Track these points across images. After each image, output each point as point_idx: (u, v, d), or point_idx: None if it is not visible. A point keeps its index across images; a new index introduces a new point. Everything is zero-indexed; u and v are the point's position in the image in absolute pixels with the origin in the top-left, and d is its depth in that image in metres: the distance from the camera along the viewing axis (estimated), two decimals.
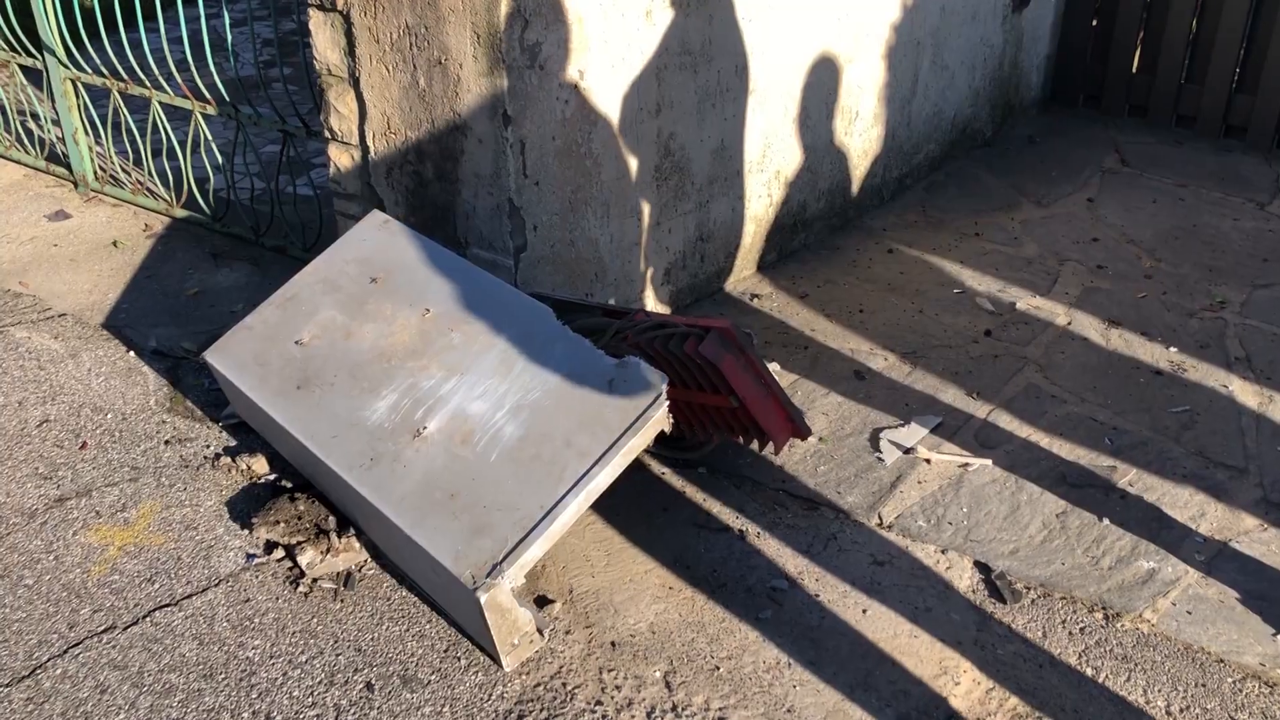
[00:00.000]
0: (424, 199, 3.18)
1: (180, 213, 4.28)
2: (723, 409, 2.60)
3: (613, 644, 2.39)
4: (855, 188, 4.18)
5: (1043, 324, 3.53)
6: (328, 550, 2.58)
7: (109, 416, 3.14)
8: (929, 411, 3.11)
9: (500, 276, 2.85)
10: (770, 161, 3.72)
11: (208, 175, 4.35)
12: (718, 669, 2.33)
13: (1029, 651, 2.37)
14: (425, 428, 2.49)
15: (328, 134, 3.33)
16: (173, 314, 3.69)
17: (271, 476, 2.89)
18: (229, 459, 2.94)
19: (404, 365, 2.64)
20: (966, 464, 2.90)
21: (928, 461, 2.91)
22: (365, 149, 3.25)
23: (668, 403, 2.37)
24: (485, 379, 2.54)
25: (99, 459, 2.96)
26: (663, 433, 2.44)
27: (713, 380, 2.54)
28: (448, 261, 2.84)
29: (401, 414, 2.53)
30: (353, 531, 2.64)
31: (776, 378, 2.76)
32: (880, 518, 2.73)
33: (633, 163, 3.24)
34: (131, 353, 3.45)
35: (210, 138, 4.06)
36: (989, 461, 2.91)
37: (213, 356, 2.87)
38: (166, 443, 3.03)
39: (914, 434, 3.01)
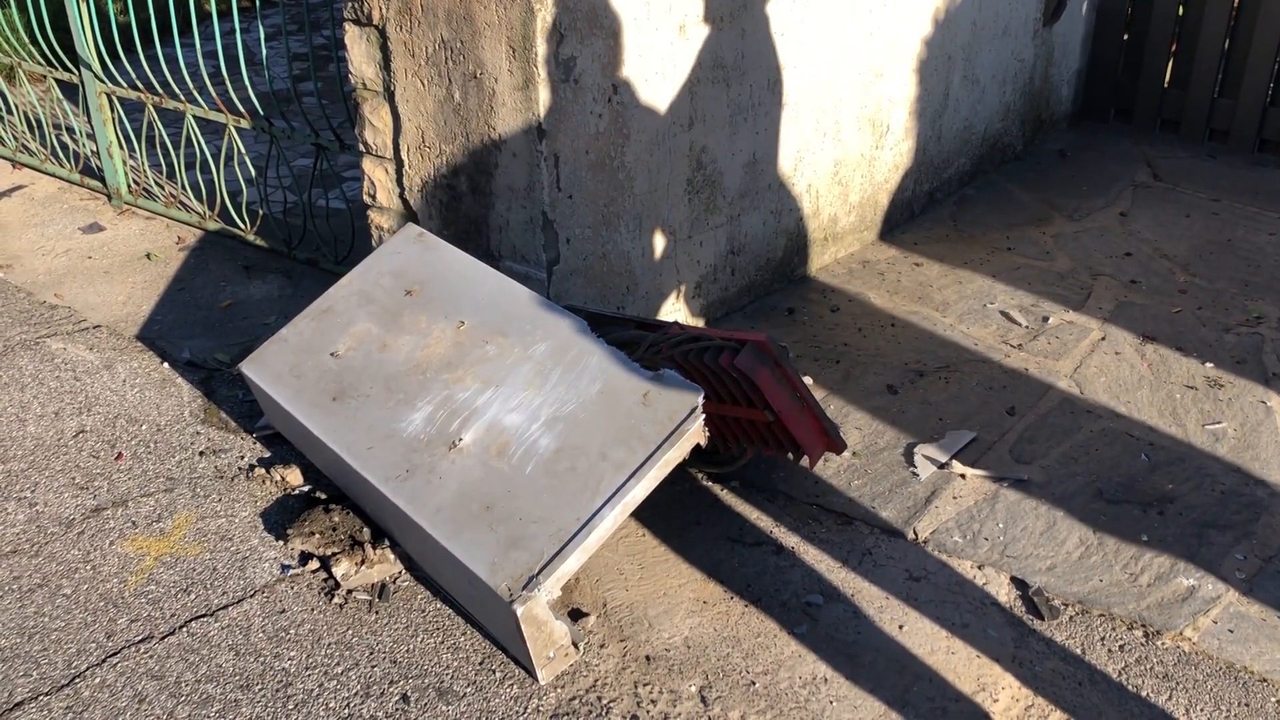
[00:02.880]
0: (458, 212, 3.20)
1: (213, 225, 4.31)
2: (757, 422, 2.60)
3: (648, 658, 2.38)
4: (886, 201, 4.17)
5: (1076, 339, 3.50)
6: (362, 562, 2.58)
7: (144, 428, 3.15)
8: (963, 426, 3.09)
9: (533, 289, 2.85)
10: (801, 175, 3.72)
11: (240, 188, 4.38)
12: (754, 684, 2.31)
13: (1068, 668, 2.34)
14: (461, 439, 2.49)
15: (362, 147, 3.35)
16: (206, 326, 3.72)
17: (306, 488, 2.90)
18: (263, 470, 2.95)
19: (439, 377, 2.64)
20: (1002, 479, 2.88)
21: (963, 477, 2.90)
22: (400, 163, 3.26)
23: (704, 416, 2.36)
24: (520, 391, 2.54)
25: (135, 469, 2.97)
26: (696, 446, 2.43)
27: (748, 393, 2.53)
28: (482, 274, 2.85)
29: (437, 426, 2.54)
30: (387, 543, 2.64)
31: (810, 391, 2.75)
32: (916, 533, 2.72)
33: (665, 176, 3.25)
34: (166, 364, 3.47)
35: (244, 151, 4.09)
36: (1025, 477, 2.89)
37: (248, 368, 2.88)
38: (201, 454, 3.04)
39: (949, 449, 2.99)
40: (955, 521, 2.75)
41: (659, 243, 3.32)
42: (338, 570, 2.56)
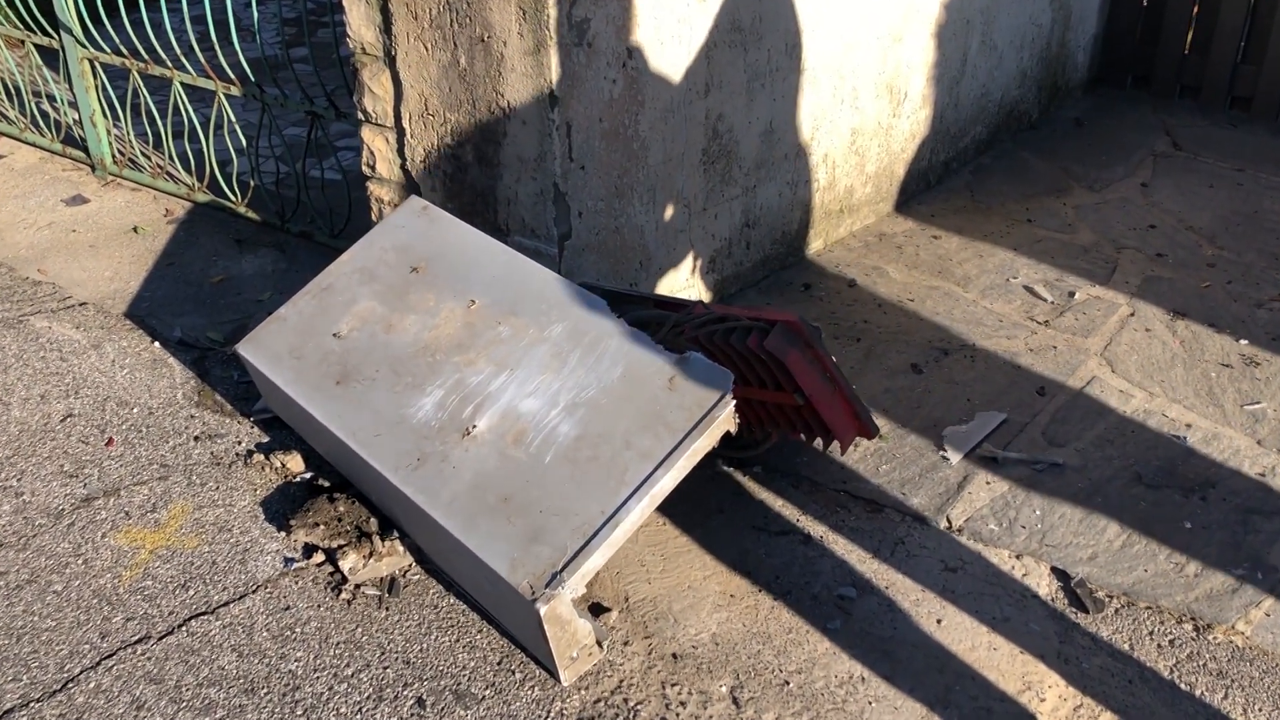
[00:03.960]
0: (463, 184, 3.04)
1: (202, 197, 4.14)
2: (786, 406, 2.47)
3: (674, 656, 2.26)
4: (902, 171, 4.03)
5: (1103, 314, 3.38)
6: (370, 554, 2.45)
7: (135, 411, 3.00)
8: (992, 407, 2.97)
9: (544, 265, 2.71)
10: (818, 144, 3.58)
11: (230, 159, 4.21)
12: (787, 684, 2.20)
13: (1117, 665, 2.23)
14: (475, 426, 2.35)
15: (361, 116, 3.19)
16: (197, 302, 3.56)
17: (308, 475, 2.76)
18: (262, 456, 2.81)
19: (450, 360, 2.50)
20: (1036, 464, 2.76)
21: (995, 461, 2.78)
22: (401, 132, 3.10)
23: (734, 402, 2.23)
24: (537, 375, 2.40)
25: (126, 456, 2.83)
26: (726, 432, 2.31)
27: (777, 377, 2.40)
28: (492, 250, 2.70)
29: (449, 411, 2.40)
30: (396, 534, 2.50)
31: None
32: (949, 520, 2.60)
33: (680, 145, 3.10)
34: (156, 343, 3.32)
35: (234, 120, 3.91)
36: (1060, 461, 2.77)
37: (245, 349, 2.73)
38: (196, 439, 2.90)
39: (979, 432, 2.87)
40: (990, 508, 2.63)
41: (673, 215, 3.17)
42: (345, 564, 2.43)
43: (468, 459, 2.31)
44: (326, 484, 2.71)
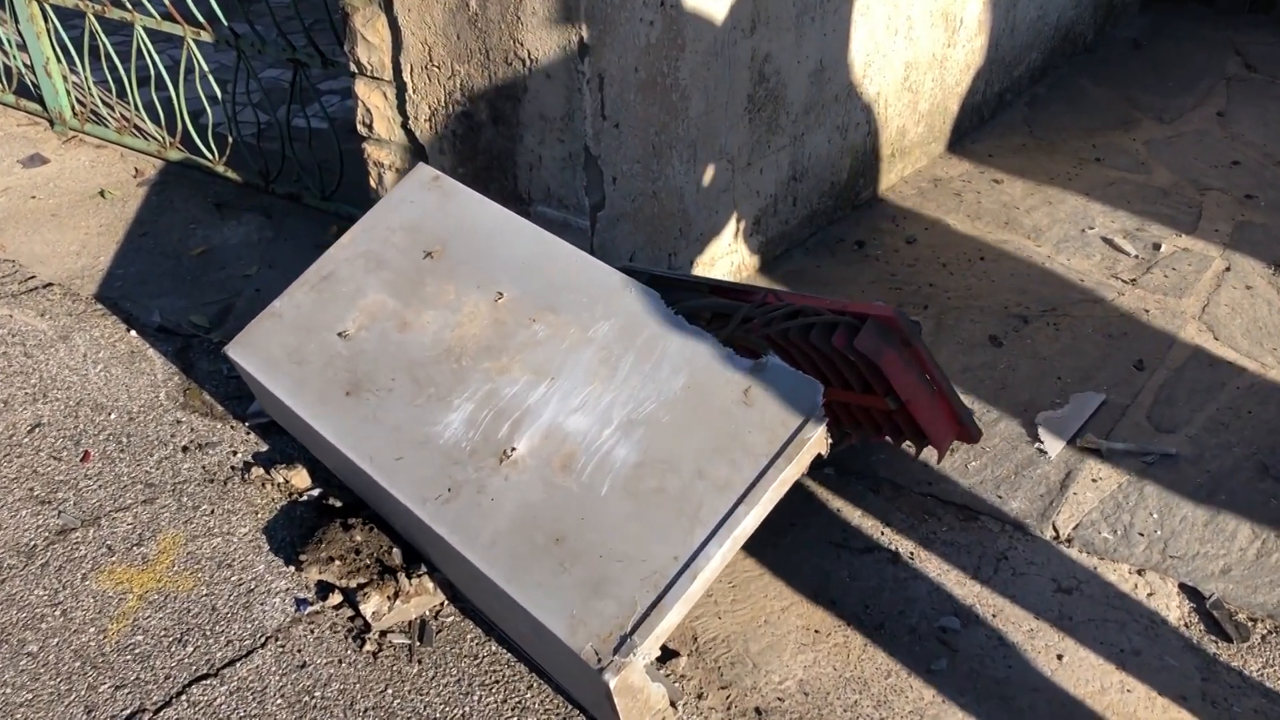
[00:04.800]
0: (475, 147, 2.64)
1: (175, 155, 3.71)
2: (874, 410, 2.12)
3: (758, 711, 1.94)
4: (955, 107, 3.63)
5: (1196, 270, 3.02)
6: (396, 594, 2.11)
7: (112, 416, 2.63)
8: (1087, 386, 2.62)
9: (571, 239, 2.33)
10: (870, 82, 3.17)
11: (203, 109, 3.77)
12: None
13: (1274, 708, 1.92)
14: (513, 449, 1.99)
15: (353, 68, 2.76)
16: (176, 279, 3.17)
17: (315, 492, 2.40)
18: (262, 470, 2.45)
19: (478, 366, 2.13)
20: (1146, 455, 2.43)
21: (1099, 454, 2.44)
22: (401, 86, 2.69)
23: (826, 420, 1.87)
24: (583, 385, 2.04)
25: (105, 474, 2.46)
26: None
27: (867, 378, 2.04)
28: (516, 229, 2.32)
29: (482, 430, 2.04)
30: (424, 568, 2.16)
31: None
32: (1056, 529, 2.27)
33: (723, 93, 2.70)
34: (132, 331, 2.94)
35: (205, 68, 3.47)
36: (1173, 451, 2.43)
37: (236, 352, 2.36)
38: (184, 449, 2.53)
39: (1076, 418, 2.52)
40: (1100, 512, 2.30)
41: (715, 173, 2.78)
42: (367, 607, 2.09)
43: (508, 489, 1.95)
44: (337, 504, 2.36)
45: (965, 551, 2.23)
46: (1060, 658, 2.02)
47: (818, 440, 1.87)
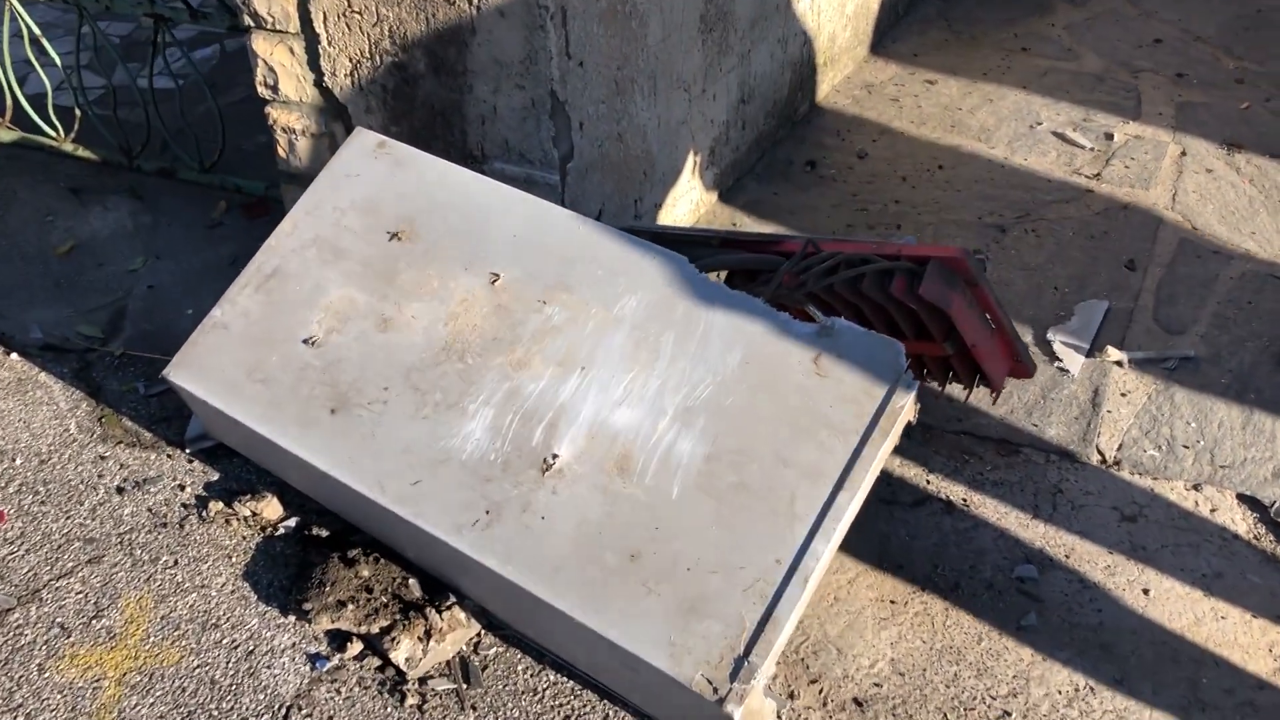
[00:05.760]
0: (412, 102, 2.30)
1: (7, 136, 3.18)
2: (926, 357, 1.95)
3: (858, 702, 1.78)
4: (876, 5, 3.44)
5: (1153, 157, 2.95)
6: (427, 633, 1.84)
7: (18, 462, 2.23)
8: (1085, 293, 2.53)
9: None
10: None
11: (36, 77, 3.24)
12: (1008, 715, 1.75)
13: None
14: (555, 456, 1.74)
15: (249, 21, 2.36)
16: (48, 285, 2.73)
17: (291, 523, 2.09)
18: (222, 504, 2.12)
19: (489, 363, 1.85)
20: (1165, 360, 2.35)
21: (1119, 365, 2.35)
22: (313, 38, 2.31)
23: (916, 384, 1.68)
24: (622, 373, 1.79)
25: (30, 535, 2.08)
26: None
27: (925, 324, 1.86)
28: (497, 196, 2.02)
29: (511, 438, 1.77)
30: (450, 597, 1.90)
31: None
32: (1101, 452, 2.17)
33: (678, 15, 2.43)
34: (13, 354, 2.50)
35: (34, 26, 2.96)
36: (1190, 353, 2.36)
37: (181, 376, 2.00)
38: (119, 490, 2.17)
39: (1087, 329, 2.42)
40: (1139, 428, 2.21)
41: (673, 105, 2.53)
42: (399, 654, 1.81)
43: (559, 505, 1.70)
44: (323, 533, 2.06)
45: (1018, 490, 2.11)
46: (1146, 592, 1.93)
47: (909, 406, 1.69)
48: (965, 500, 2.10)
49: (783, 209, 2.82)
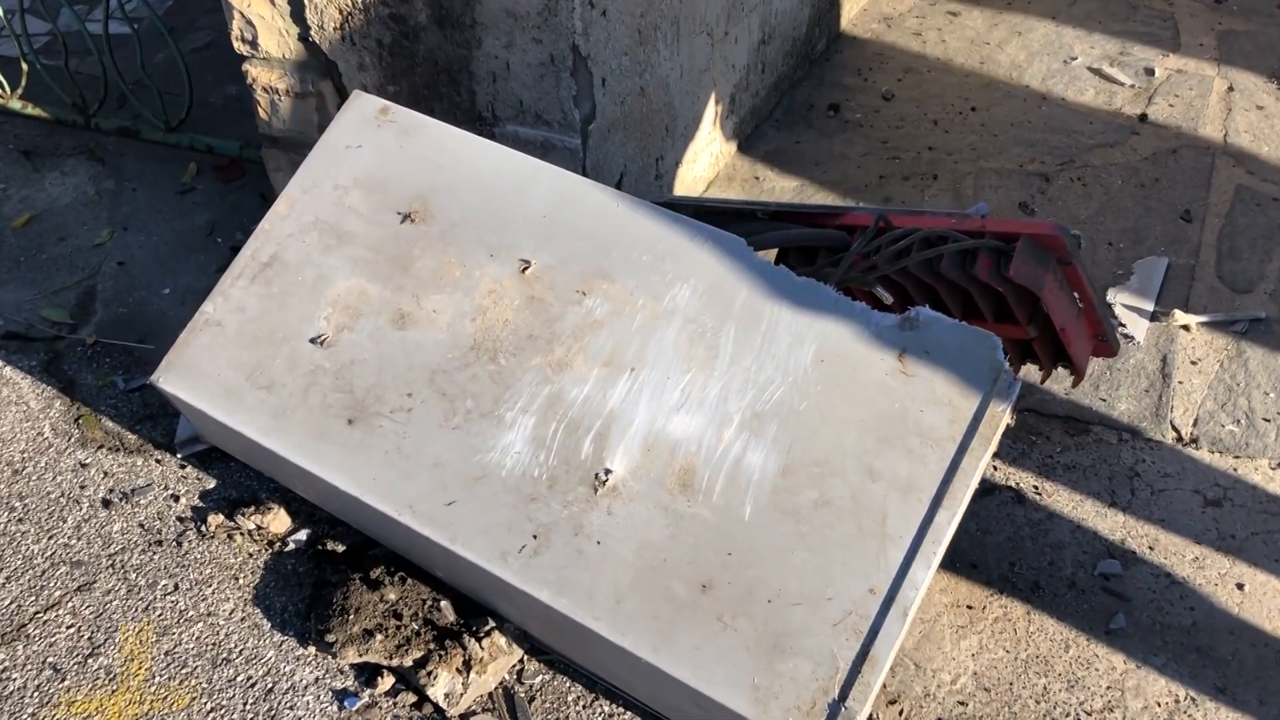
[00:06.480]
0: (412, 58, 2.05)
1: None
2: (1004, 337, 1.76)
3: None
4: None
5: (1199, 94, 2.76)
6: (466, 664, 1.66)
7: None
8: (1141, 249, 2.35)
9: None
10: None
11: None
12: None
13: None
14: (608, 471, 1.55)
15: None
16: (5, 263, 2.48)
17: (302, 536, 1.89)
18: (223, 517, 1.91)
19: (525, 364, 1.65)
20: (1234, 323, 2.19)
21: (1186, 329, 2.18)
22: None
23: (1019, 384, 1.50)
24: (678, 374, 1.59)
25: (10, 560, 1.87)
26: None
27: (1008, 306, 1.68)
28: (521, 169, 1.80)
29: (556, 451, 1.58)
30: (489, 621, 1.71)
31: None
32: (1176, 429, 2.01)
33: None
34: None
35: None
36: (1261, 314, 2.20)
37: (172, 382, 1.77)
38: (105, 504, 1.96)
39: (1148, 289, 2.25)
40: (1214, 400, 2.06)
41: (696, 52, 2.30)
42: (437, 690, 1.64)
43: (616, 527, 1.52)
44: (338, 548, 1.86)
45: (1092, 475, 1.95)
46: (1241, 587, 1.79)
47: (1007, 410, 1.51)
48: (1037, 488, 1.94)
49: (808, 159, 2.61)
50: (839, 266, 1.66)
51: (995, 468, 1.97)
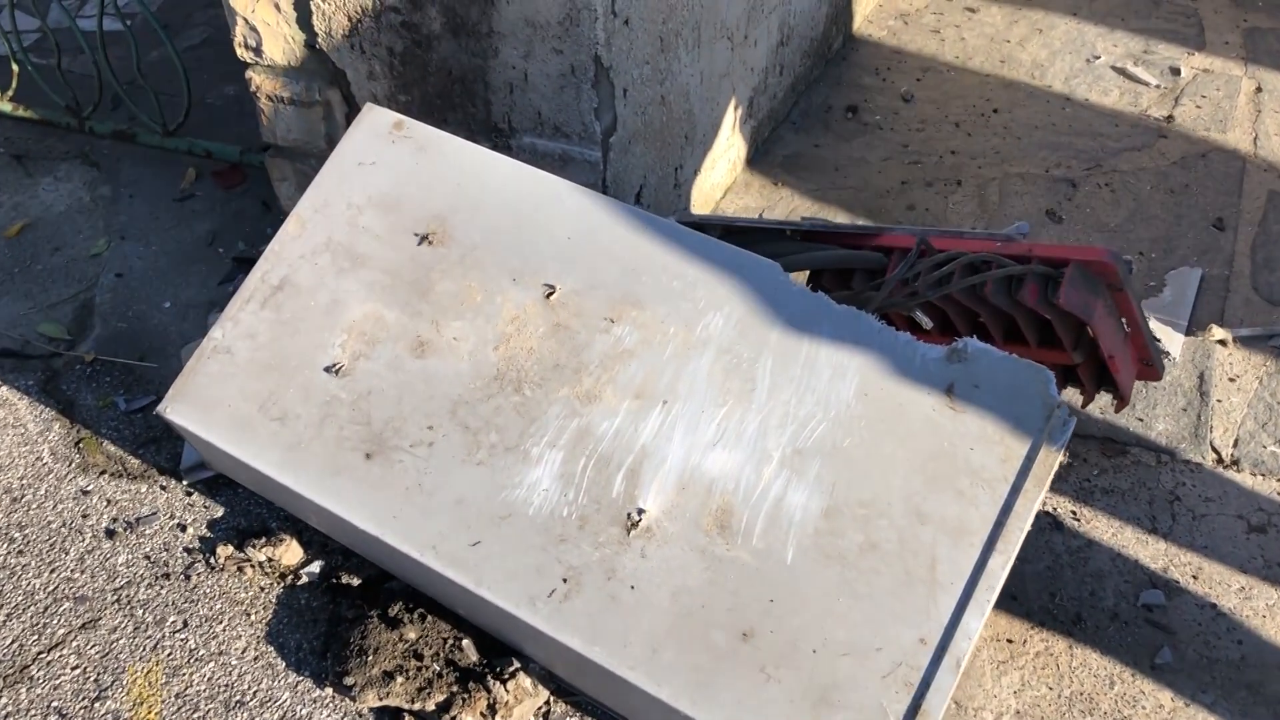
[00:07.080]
0: (424, 68, 1.97)
1: None
2: (1048, 362, 1.69)
3: None
4: None
5: (1226, 95, 2.69)
6: (491, 708, 1.60)
7: None
8: (1174, 259, 2.29)
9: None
10: None
11: None
12: None
13: None
14: (641, 511, 1.48)
15: None
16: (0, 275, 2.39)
17: (315, 568, 1.82)
18: (232, 548, 1.84)
19: (551, 395, 1.57)
20: (1273, 336, 2.13)
21: (1223, 344, 2.12)
22: None
23: (1073, 421, 1.43)
24: (713, 407, 1.52)
25: (11, 595, 1.80)
26: None
27: (1057, 332, 1.61)
28: (545, 190, 1.72)
29: (585, 489, 1.51)
30: (514, 662, 1.65)
31: None
32: (1216, 451, 1.95)
33: None
34: None
35: None
36: None
37: (180, 413, 1.69)
38: (109, 534, 1.88)
39: (1182, 301, 2.19)
40: (1254, 420, 2.00)
41: (716, 56, 2.22)
42: None
43: (651, 571, 1.45)
44: (353, 582, 1.79)
45: (1131, 499, 1.89)
46: None
47: (1061, 449, 1.44)
48: (1075, 513, 1.88)
49: (827, 164, 2.54)
50: (880, 291, 1.59)
51: None
